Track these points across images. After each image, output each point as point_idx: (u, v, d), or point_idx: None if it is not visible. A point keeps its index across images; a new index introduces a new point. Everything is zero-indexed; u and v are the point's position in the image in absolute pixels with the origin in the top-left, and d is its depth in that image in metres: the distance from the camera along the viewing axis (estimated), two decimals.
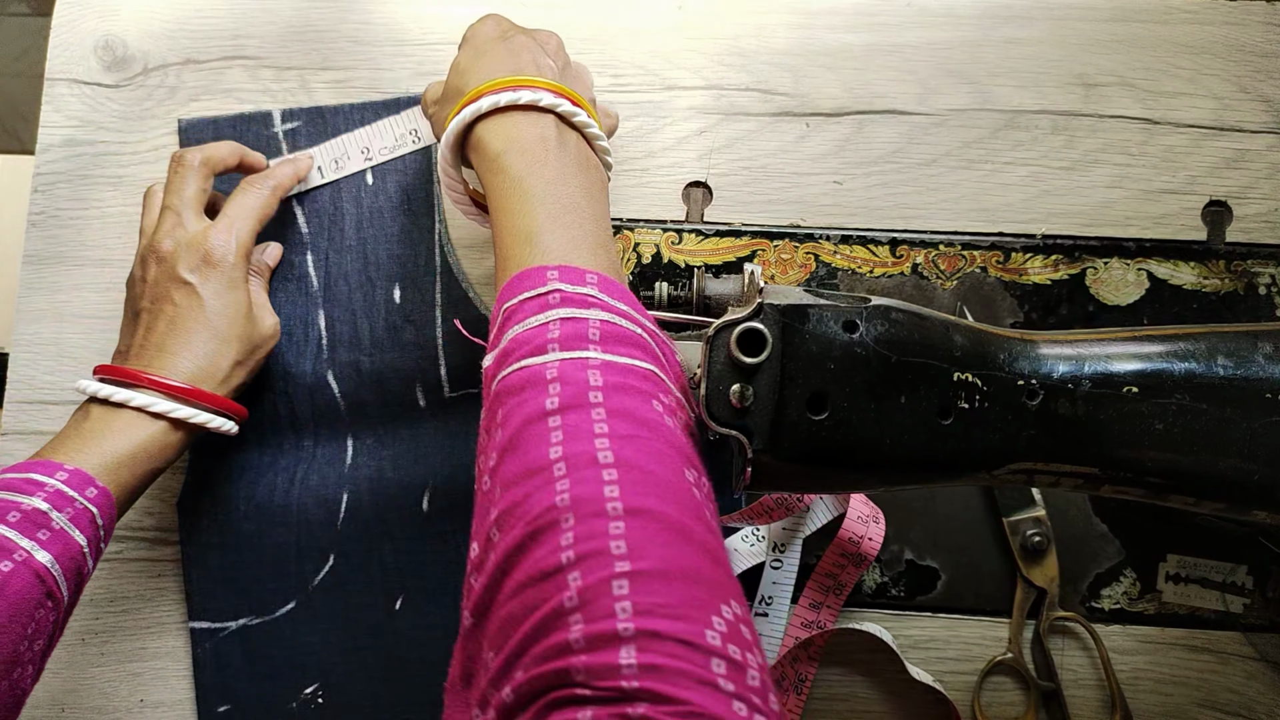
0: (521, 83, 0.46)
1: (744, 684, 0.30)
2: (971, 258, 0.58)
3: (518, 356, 0.39)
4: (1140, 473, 0.42)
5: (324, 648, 0.58)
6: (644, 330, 0.41)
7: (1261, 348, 0.42)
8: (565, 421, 0.36)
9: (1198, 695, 0.55)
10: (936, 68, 0.60)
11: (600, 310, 0.40)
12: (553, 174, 0.45)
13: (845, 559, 0.55)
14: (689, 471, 0.37)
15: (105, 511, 0.48)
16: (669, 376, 0.41)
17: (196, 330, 0.52)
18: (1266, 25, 0.59)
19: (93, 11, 0.63)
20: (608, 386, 0.37)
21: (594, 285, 0.41)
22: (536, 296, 0.40)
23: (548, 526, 0.33)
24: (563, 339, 0.39)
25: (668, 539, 0.33)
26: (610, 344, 0.39)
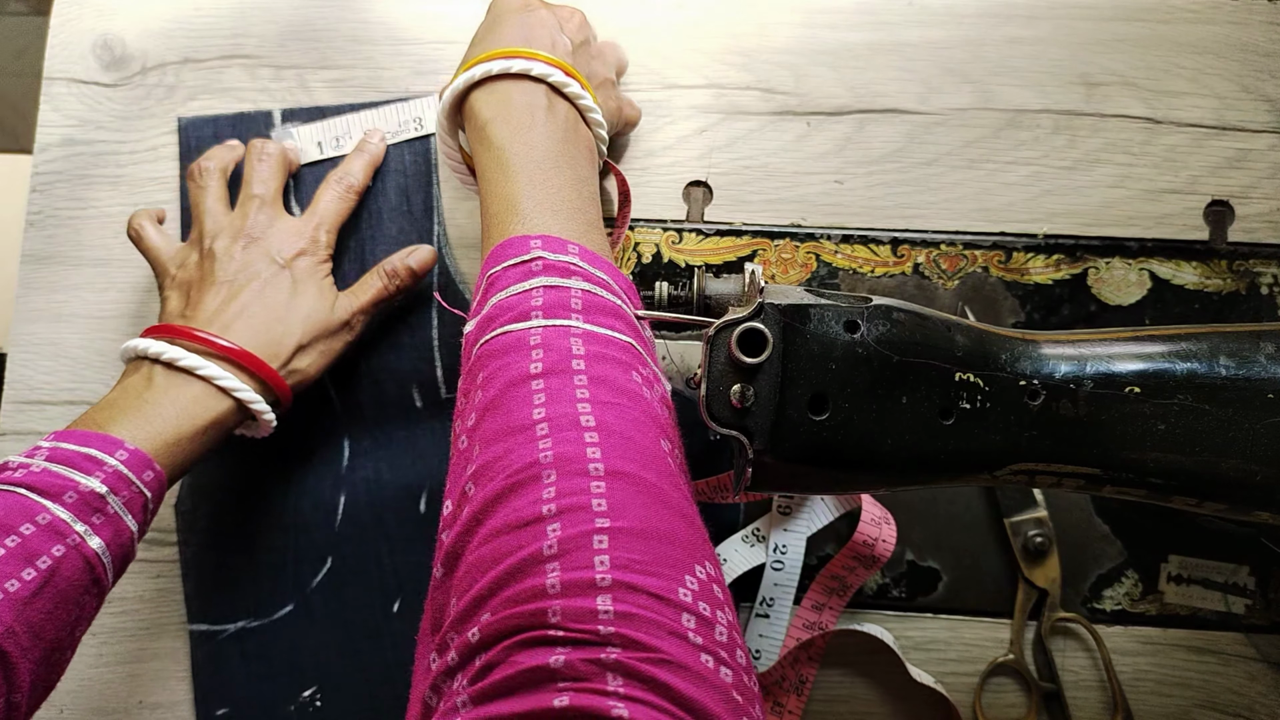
0: (519, 53, 0.47)
1: (712, 638, 0.32)
2: (973, 257, 0.58)
3: (501, 322, 0.40)
4: (1142, 473, 0.42)
5: (322, 650, 0.57)
6: (623, 301, 0.42)
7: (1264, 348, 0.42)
8: (548, 385, 0.37)
9: (1199, 696, 0.55)
10: (938, 67, 0.60)
11: (582, 279, 0.41)
12: (537, 140, 0.46)
13: (856, 561, 0.55)
14: (664, 441, 0.38)
15: (157, 497, 0.47)
16: (647, 349, 0.42)
17: (270, 308, 0.52)
18: (1269, 25, 0.59)
19: (91, 10, 0.63)
20: (589, 355, 0.38)
21: (575, 254, 0.42)
22: (520, 264, 0.41)
23: (530, 480, 0.34)
24: (546, 306, 0.39)
25: (646, 501, 0.34)
26: (592, 314, 0.40)
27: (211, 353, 0.50)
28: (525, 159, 0.45)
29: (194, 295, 0.53)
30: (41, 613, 0.42)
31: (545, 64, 0.47)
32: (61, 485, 0.44)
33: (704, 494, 0.54)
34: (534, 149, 0.45)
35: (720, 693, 0.30)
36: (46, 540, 0.43)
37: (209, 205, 0.56)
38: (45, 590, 0.42)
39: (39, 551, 0.42)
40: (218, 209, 0.56)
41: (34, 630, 0.42)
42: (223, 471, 0.58)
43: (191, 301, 0.53)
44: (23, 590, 0.41)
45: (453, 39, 0.61)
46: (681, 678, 0.30)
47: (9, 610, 0.41)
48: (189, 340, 0.50)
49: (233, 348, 0.51)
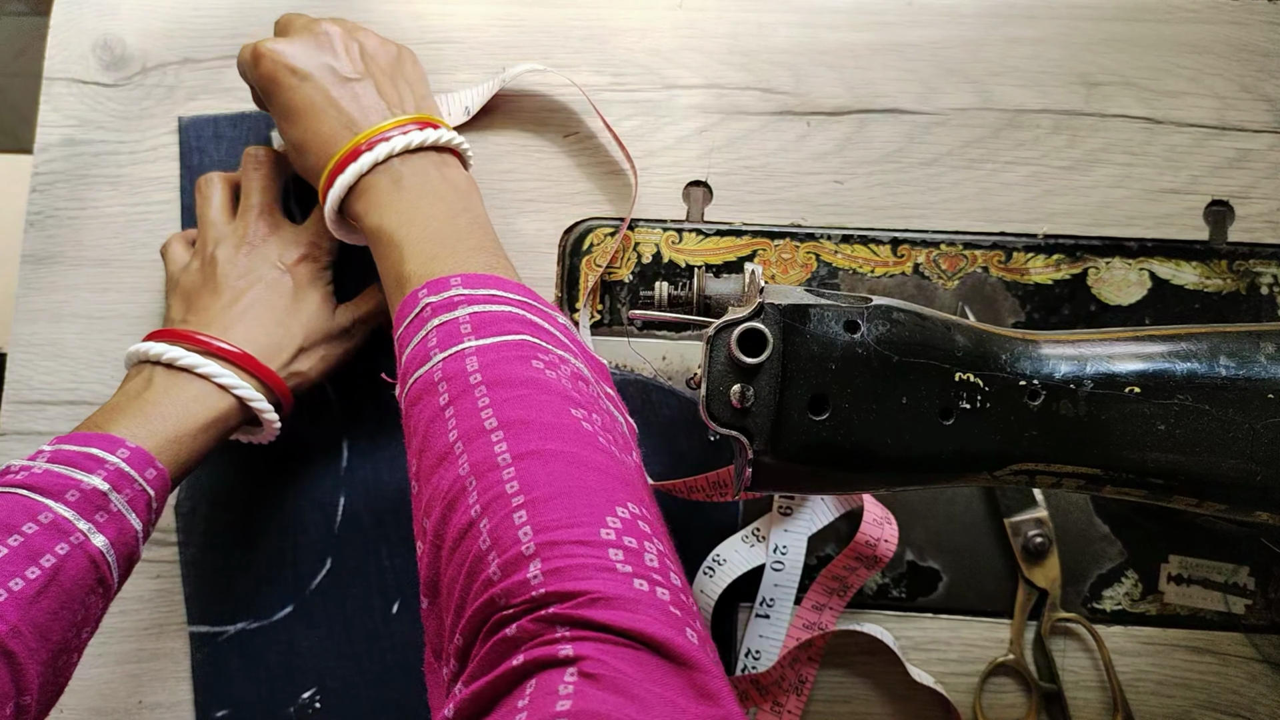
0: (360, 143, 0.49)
1: (642, 564, 0.35)
2: (973, 257, 0.58)
3: (411, 373, 0.43)
4: (1142, 474, 0.42)
5: (321, 651, 0.57)
6: (515, 305, 0.44)
7: (1264, 348, 0.42)
8: (456, 409, 0.40)
9: (1200, 697, 0.55)
10: (938, 67, 0.60)
11: (466, 305, 0.43)
12: (405, 205, 0.48)
13: (858, 561, 0.55)
14: (575, 410, 0.40)
15: (160, 496, 0.47)
16: (547, 338, 0.44)
17: (272, 311, 0.53)
18: (1269, 24, 0.59)
19: (91, 10, 0.63)
20: (484, 365, 0.41)
21: (458, 285, 0.44)
22: (415, 319, 0.44)
23: (458, 495, 0.38)
24: (440, 342, 0.42)
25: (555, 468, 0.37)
26: (481, 329, 0.42)
27: (211, 353, 0.51)
28: (396, 225, 0.48)
29: (195, 301, 0.53)
30: (47, 612, 0.42)
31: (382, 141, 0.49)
32: (63, 484, 0.44)
33: (703, 491, 0.54)
34: (402, 214, 0.48)
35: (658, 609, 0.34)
36: (50, 539, 0.43)
37: (211, 215, 0.56)
38: (50, 589, 0.42)
39: (42, 550, 0.42)
40: (220, 218, 0.56)
41: (40, 630, 0.41)
42: (222, 473, 0.58)
43: (193, 307, 0.53)
44: (27, 589, 0.41)
45: (453, 39, 0.61)
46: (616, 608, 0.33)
47: (14, 610, 0.41)
48: (188, 342, 0.51)
49: (231, 349, 0.51)
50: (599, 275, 0.58)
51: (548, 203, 0.60)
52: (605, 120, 0.59)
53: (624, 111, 0.60)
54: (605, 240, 0.59)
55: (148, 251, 0.61)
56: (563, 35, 0.61)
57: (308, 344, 0.54)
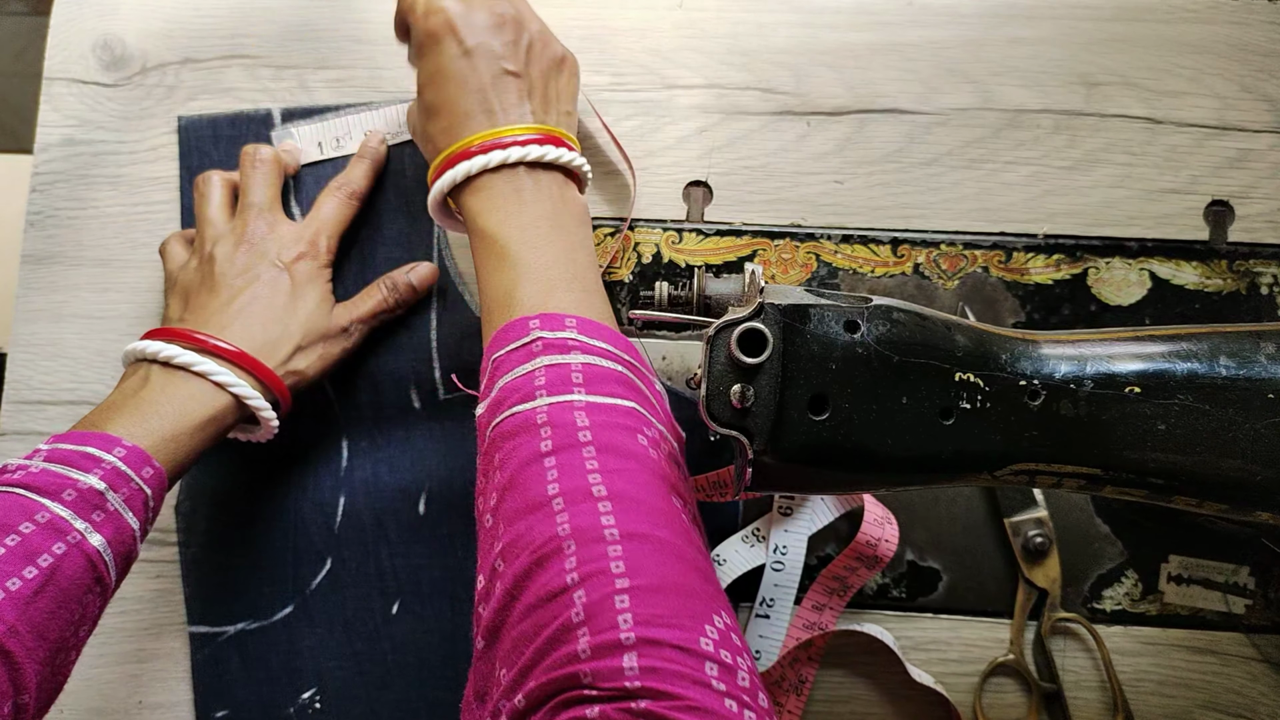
0: (487, 140, 0.48)
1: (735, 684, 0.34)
2: (973, 257, 0.58)
3: (509, 404, 0.42)
4: (1143, 474, 0.42)
5: (321, 652, 0.57)
6: (624, 366, 0.44)
7: (1264, 348, 0.42)
8: (559, 461, 0.39)
9: (1200, 697, 0.55)
10: (938, 67, 0.60)
11: (580, 353, 0.43)
12: (527, 222, 0.47)
13: (858, 561, 0.55)
14: (675, 499, 0.40)
15: (158, 495, 0.47)
16: (651, 410, 0.43)
17: (270, 309, 0.53)
18: (1269, 24, 0.59)
19: (91, 10, 0.63)
20: (594, 426, 0.40)
21: (573, 329, 0.44)
22: (521, 347, 0.43)
23: (552, 554, 0.37)
24: (549, 384, 0.41)
25: (661, 559, 0.36)
26: (593, 385, 0.42)
27: (207, 351, 0.51)
28: (517, 243, 0.47)
29: (193, 299, 0.54)
30: (44, 612, 0.42)
31: (516, 145, 0.48)
32: (60, 484, 0.44)
33: (703, 491, 0.54)
34: (524, 231, 0.47)
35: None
36: (47, 538, 0.43)
37: (210, 214, 0.56)
38: (47, 589, 0.42)
39: (40, 549, 0.42)
40: (219, 217, 0.56)
41: (38, 630, 0.41)
42: (222, 473, 0.58)
43: (190, 306, 0.53)
44: (24, 589, 0.41)
45: None
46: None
47: (12, 609, 0.41)
48: (185, 340, 0.50)
49: (228, 347, 0.51)
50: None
51: None
52: (604, 121, 0.59)
53: (624, 111, 0.60)
54: (605, 240, 0.59)
55: (148, 251, 0.61)
56: (563, 35, 0.61)
57: (305, 342, 0.54)
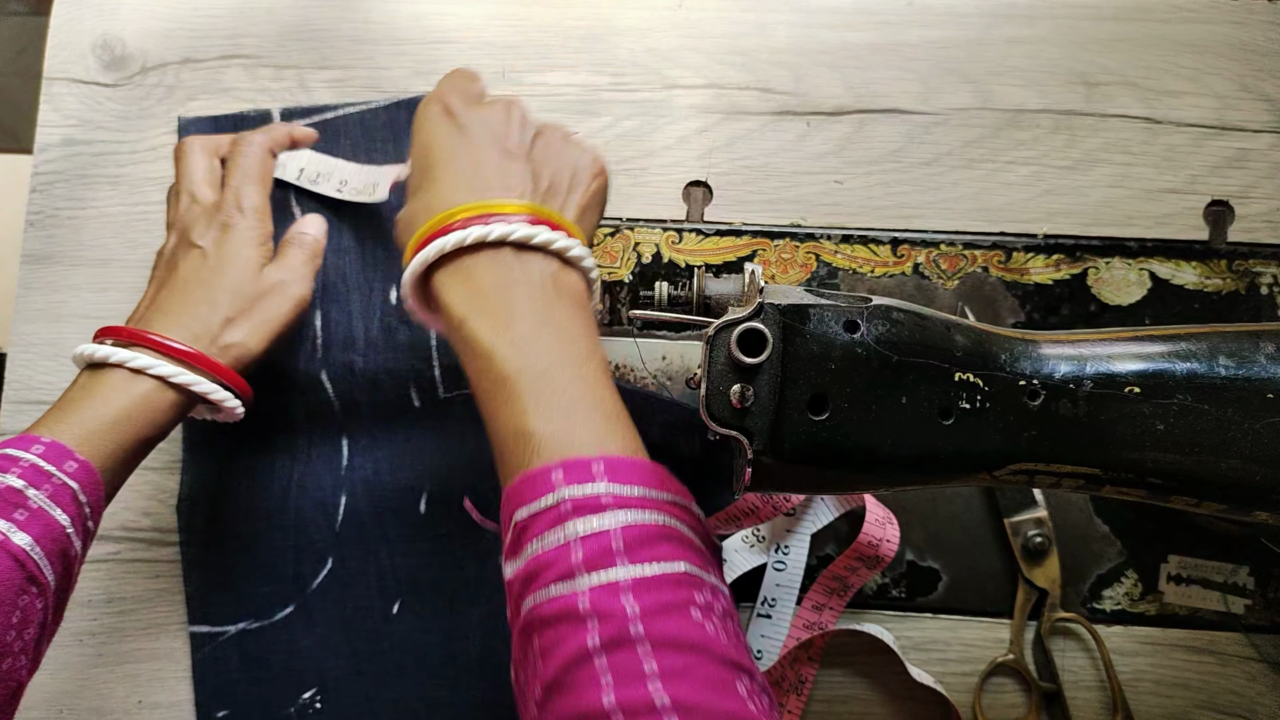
0: (472, 212, 0.42)
1: None
2: (973, 257, 0.58)
3: (544, 581, 0.37)
4: (1142, 473, 0.42)
5: (322, 651, 0.57)
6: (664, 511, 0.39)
7: (1264, 348, 0.42)
8: (612, 662, 0.35)
9: (1199, 697, 0.55)
10: (938, 66, 0.60)
11: (617, 509, 0.37)
12: (525, 331, 0.41)
13: (859, 561, 0.55)
14: (741, 684, 0.36)
15: (89, 487, 0.46)
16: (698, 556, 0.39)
17: (194, 289, 0.51)
18: (1269, 24, 0.59)
19: (91, 10, 0.63)
20: (645, 612, 0.36)
21: (602, 477, 0.38)
22: (548, 510, 0.38)
23: None
24: (587, 559, 0.37)
25: None
26: (636, 551, 0.37)
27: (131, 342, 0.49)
28: (519, 366, 0.40)
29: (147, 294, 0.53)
30: None
31: (503, 220, 0.42)
32: None
33: (736, 522, 0.54)
34: (526, 345, 0.41)
35: None
36: None
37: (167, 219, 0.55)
38: None
39: None
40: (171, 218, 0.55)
41: None
42: (223, 472, 0.58)
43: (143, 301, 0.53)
44: None
45: (453, 39, 0.61)
46: None
47: None
48: (112, 336, 0.50)
49: (153, 338, 0.49)
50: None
51: None
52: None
53: (624, 111, 0.60)
54: (605, 240, 0.59)
55: (147, 251, 0.61)
56: (563, 35, 0.61)
57: (235, 312, 0.51)
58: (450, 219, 0.42)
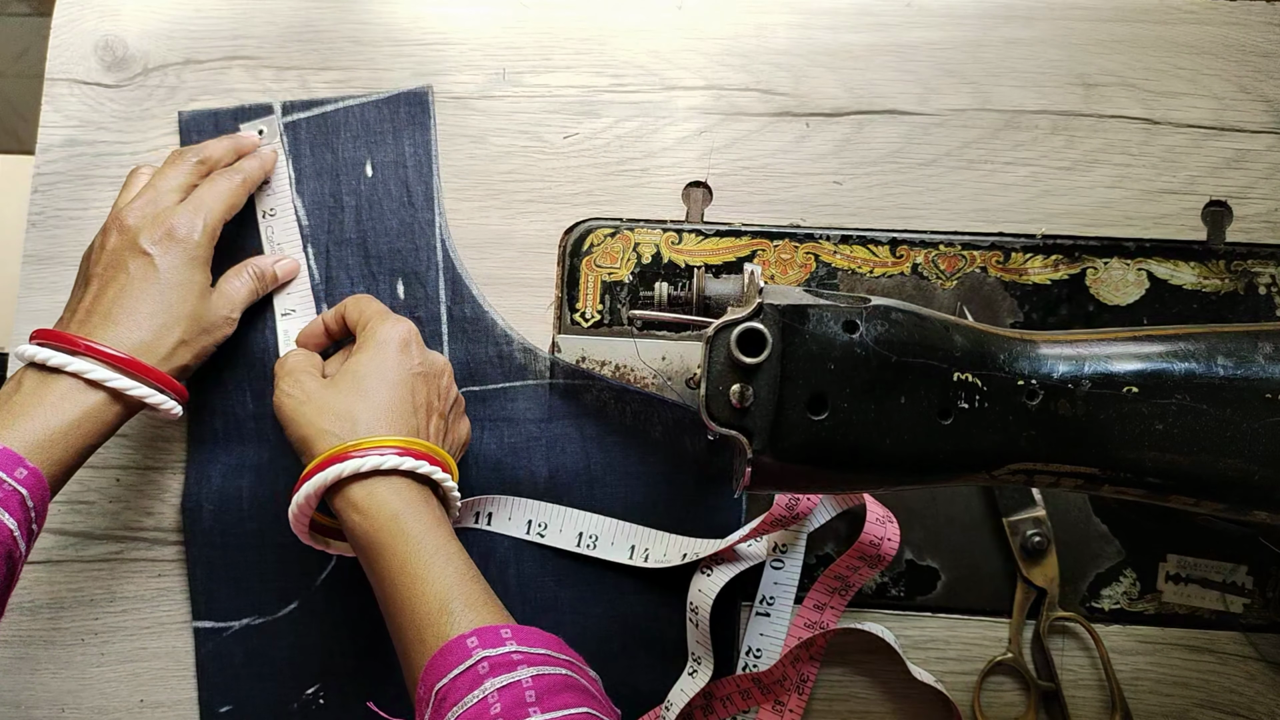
0: (424, 449, 0.50)
1: None
2: (971, 258, 0.58)
3: None
4: (1140, 473, 0.42)
5: (326, 648, 0.58)
6: (565, 666, 0.43)
7: (1262, 348, 0.42)
8: None
9: (1198, 695, 0.55)
10: (936, 68, 0.60)
11: (527, 666, 0.42)
12: (444, 535, 0.48)
13: (861, 560, 0.55)
14: None
15: (36, 492, 0.47)
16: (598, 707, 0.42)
17: (145, 301, 0.51)
18: (1267, 25, 0.59)
19: (93, 11, 0.63)
20: None
21: (510, 640, 0.43)
22: (466, 671, 0.42)
23: None
24: (504, 710, 0.40)
25: None
26: (546, 699, 0.41)
27: (81, 352, 0.50)
28: (444, 555, 0.47)
29: (73, 293, 0.53)
30: None
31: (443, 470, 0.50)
32: None
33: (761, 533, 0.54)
34: (445, 544, 0.47)
35: None
36: None
37: (118, 201, 0.55)
38: None
39: None
40: (121, 200, 0.55)
41: None
42: (227, 470, 0.59)
43: (69, 302, 0.53)
44: None
45: (453, 40, 0.62)
46: None
47: None
48: (62, 343, 0.50)
49: (108, 351, 0.50)
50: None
51: (547, 203, 0.60)
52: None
53: (624, 113, 0.60)
54: (605, 240, 0.59)
55: None
56: (563, 37, 0.61)
57: (189, 336, 0.53)
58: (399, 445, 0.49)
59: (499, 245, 0.60)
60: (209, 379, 0.59)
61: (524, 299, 0.59)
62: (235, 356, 0.59)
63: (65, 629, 0.59)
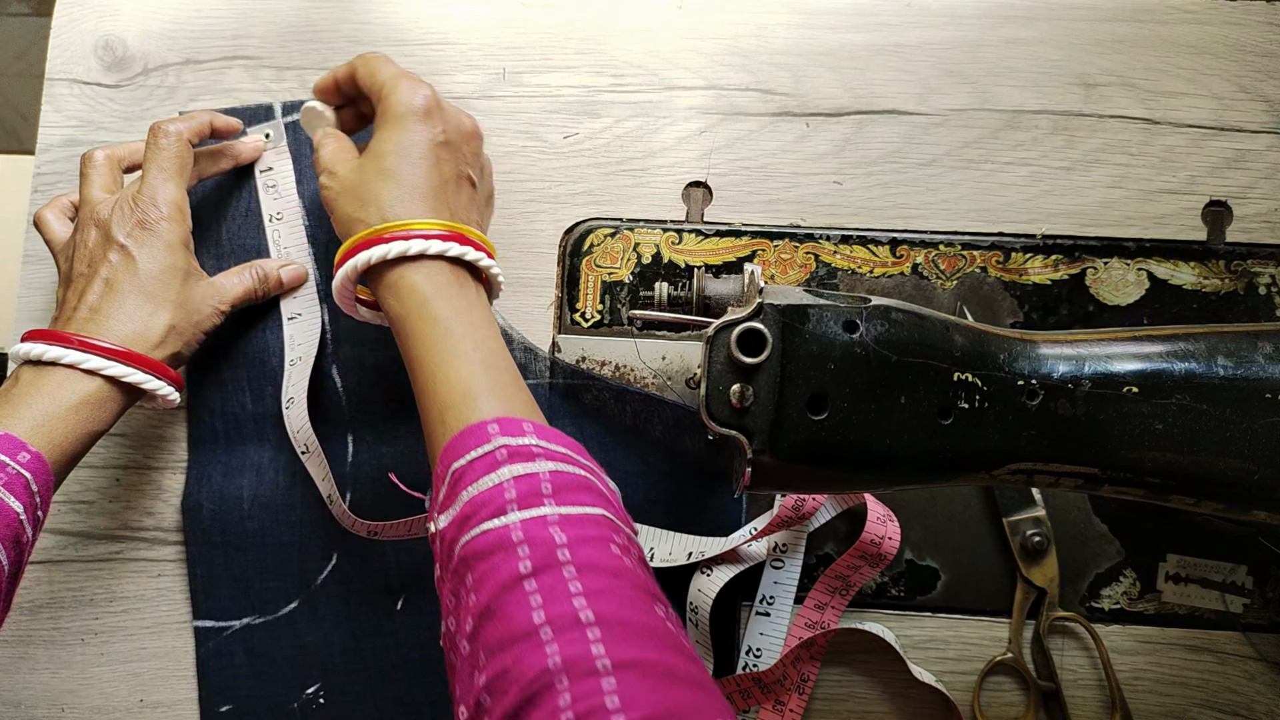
0: (453, 230, 0.49)
1: None
2: (971, 258, 0.58)
3: (479, 519, 0.40)
4: (1140, 473, 0.43)
5: (326, 647, 0.58)
6: (585, 470, 0.43)
7: (1261, 348, 0.42)
8: (541, 584, 0.38)
9: (1198, 695, 0.55)
10: (936, 68, 0.60)
11: (546, 460, 0.42)
12: (477, 319, 0.47)
13: (862, 560, 0.55)
14: (658, 607, 0.39)
15: (40, 477, 0.47)
16: (616, 513, 0.42)
17: (129, 293, 0.52)
18: (1267, 25, 0.59)
19: (93, 11, 0.63)
20: (572, 542, 0.39)
21: (532, 434, 0.43)
22: (484, 455, 0.42)
23: (543, 689, 0.35)
24: (520, 497, 0.40)
25: (655, 684, 0.35)
26: (563, 494, 0.41)
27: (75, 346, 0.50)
28: (472, 340, 0.46)
29: (59, 293, 0.54)
30: None
31: (475, 249, 0.49)
32: None
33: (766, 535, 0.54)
34: (476, 329, 0.47)
35: None
36: None
37: (87, 194, 0.55)
38: None
39: None
40: (87, 193, 0.54)
41: None
42: (227, 469, 0.59)
43: (57, 302, 0.53)
44: None
45: (453, 40, 0.62)
46: None
47: None
48: (57, 341, 0.50)
49: (103, 345, 0.50)
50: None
51: (547, 203, 0.60)
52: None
53: (624, 113, 0.60)
54: (605, 240, 0.59)
55: None
56: (563, 37, 0.61)
57: (179, 321, 0.53)
58: (432, 229, 0.48)
59: (499, 245, 0.60)
60: (209, 379, 0.59)
61: (524, 299, 0.59)
62: (235, 356, 0.59)
63: (65, 629, 0.59)
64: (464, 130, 0.52)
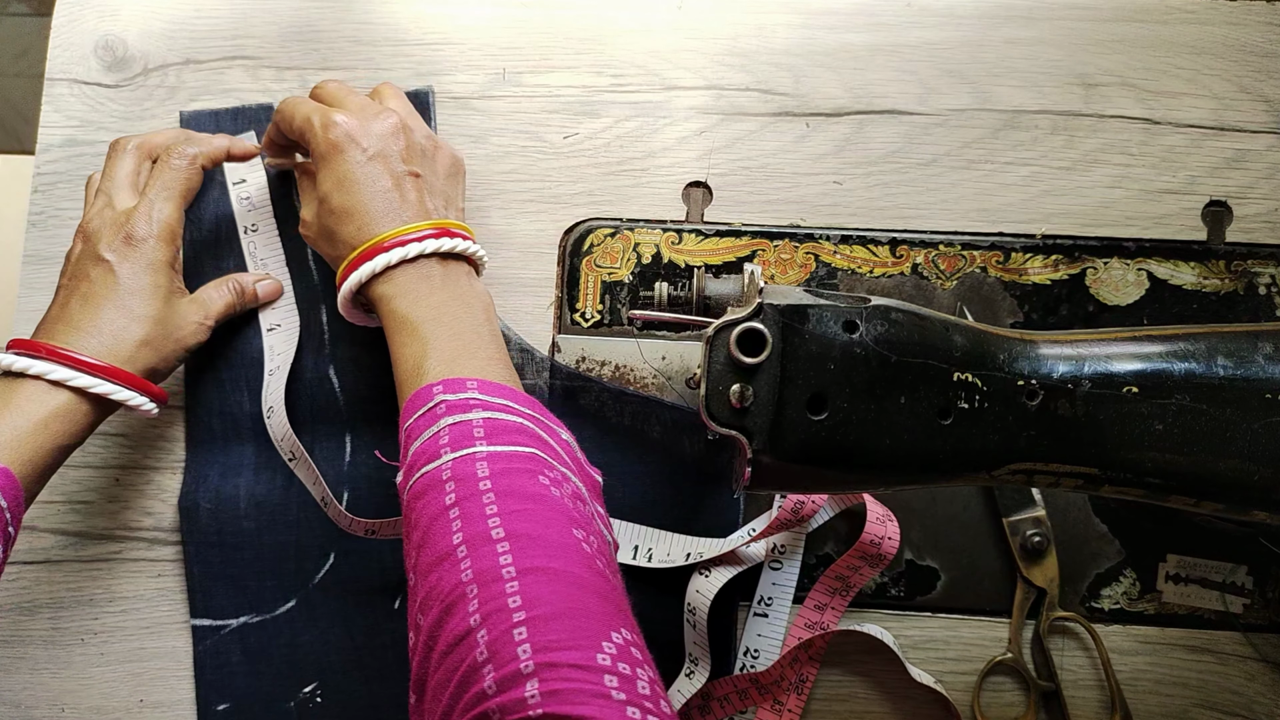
0: (401, 235, 0.50)
1: (635, 692, 0.35)
2: (971, 258, 0.58)
3: (418, 467, 0.44)
4: (1140, 473, 0.43)
5: (323, 646, 0.58)
6: (526, 419, 0.46)
7: (1262, 348, 0.42)
8: (462, 511, 0.41)
9: (1198, 696, 0.55)
10: (936, 68, 0.60)
11: (481, 410, 0.45)
12: (437, 302, 0.50)
13: (862, 560, 0.55)
14: (576, 531, 0.42)
15: (9, 492, 0.47)
16: (553, 455, 0.45)
17: (106, 307, 0.52)
18: (1267, 25, 0.59)
19: (93, 11, 0.63)
20: (494, 473, 0.42)
21: (474, 389, 0.46)
22: (427, 412, 0.45)
23: (457, 600, 0.39)
24: (452, 441, 0.43)
25: (556, 587, 0.39)
26: (494, 436, 0.44)
27: (45, 356, 0.50)
28: (426, 321, 0.49)
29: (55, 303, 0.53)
30: None
31: (429, 238, 0.51)
32: None
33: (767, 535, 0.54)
34: (434, 310, 0.50)
35: None
36: None
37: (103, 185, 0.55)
38: None
39: None
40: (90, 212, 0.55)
41: None
42: (225, 469, 0.59)
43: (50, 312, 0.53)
44: None
45: (453, 40, 0.62)
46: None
47: None
48: (28, 350, 0.50)
49: (75, 356, 0.50)
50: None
51: (547, 203, 0.60)
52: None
53: (624, 113, 0.60)
54: (605, 240, 0.59)
55: None
56: (563, 37, 0.61)
57: (152, 336, 0.53)
58: (382, 241, 0.50)
59: (499, 245, 0.60)
60: (208, 379, 0.59)
61: (524, 299, 0.59)
62: (233, 357, 0.59)
63: (65, 629, 0.59)
64: (385, 132, 0.52)
